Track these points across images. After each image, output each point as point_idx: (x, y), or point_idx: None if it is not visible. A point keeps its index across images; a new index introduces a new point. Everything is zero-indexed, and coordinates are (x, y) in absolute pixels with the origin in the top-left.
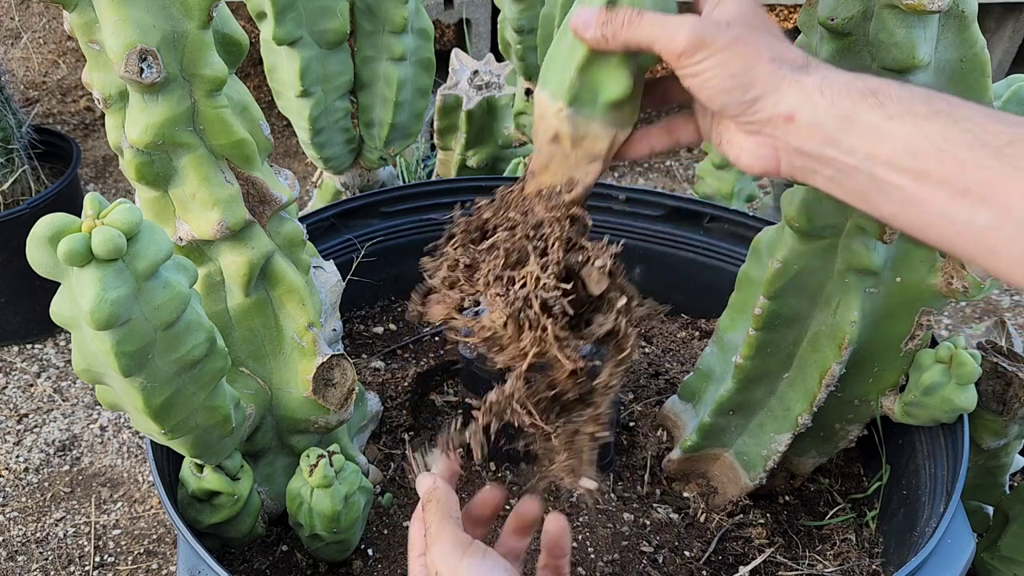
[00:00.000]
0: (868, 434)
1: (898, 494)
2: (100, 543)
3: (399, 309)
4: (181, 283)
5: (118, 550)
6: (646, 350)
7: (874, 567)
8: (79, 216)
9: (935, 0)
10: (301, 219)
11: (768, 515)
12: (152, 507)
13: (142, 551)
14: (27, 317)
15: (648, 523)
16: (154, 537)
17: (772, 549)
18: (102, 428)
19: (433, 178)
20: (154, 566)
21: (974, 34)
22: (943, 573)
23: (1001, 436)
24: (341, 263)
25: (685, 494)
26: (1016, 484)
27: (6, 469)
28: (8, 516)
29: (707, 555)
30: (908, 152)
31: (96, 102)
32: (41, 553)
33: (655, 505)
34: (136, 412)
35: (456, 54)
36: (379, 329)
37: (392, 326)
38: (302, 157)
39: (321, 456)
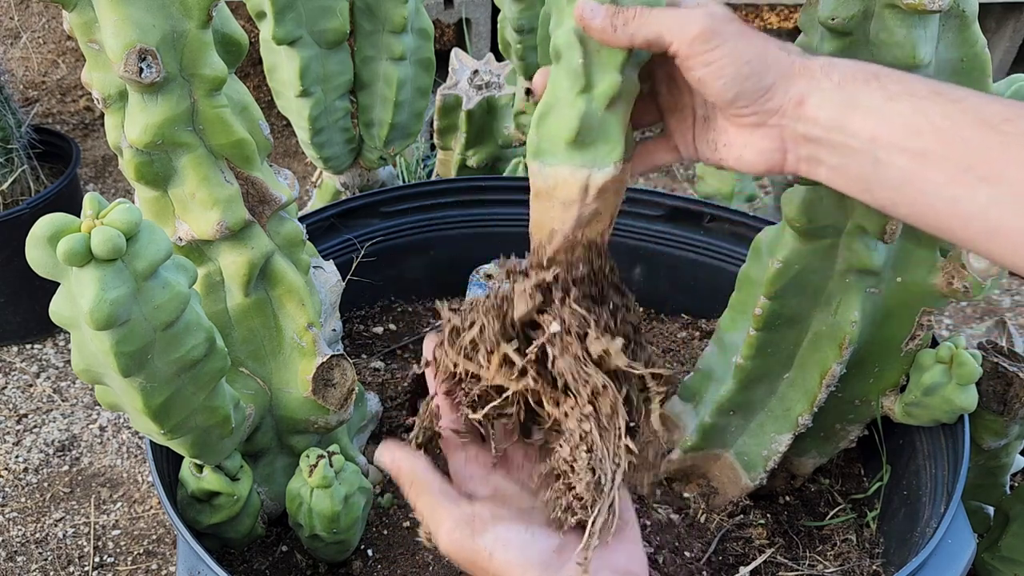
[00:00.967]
0: (868, 434)
1: (899, 494)
2: (99, 543)
3: (399, 309)
4: (181, 283)
5: (118, 550)
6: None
7: (874, 567)
8: (78, 216)
9: (936, 0)
10: (301, 219)
11: (768, 515)
12: (152, 507)
13: (142, 551)
14: (27, 317)
15: (648, 523)
16: (154, 537)
17: (772, 549)
18: (101, 428)
19: (433, 178)
20: (154, 566)
21: (975, 33)
22: (944, 573)
23: (1002, 436)
24: (341, 263)
25: (685, 494)
26: (1017, 484)
27: (5, 469)
28: (7, 516)
29: (707, 555)
30: (910, 132)
31: (96, 102)
32: (40, 553)
33: (655, 505)
34: (136, 412)
35: (456, 54)
36: (379, 329)
37: (392, 326)
38: (302, 157)
39: (321, 456)
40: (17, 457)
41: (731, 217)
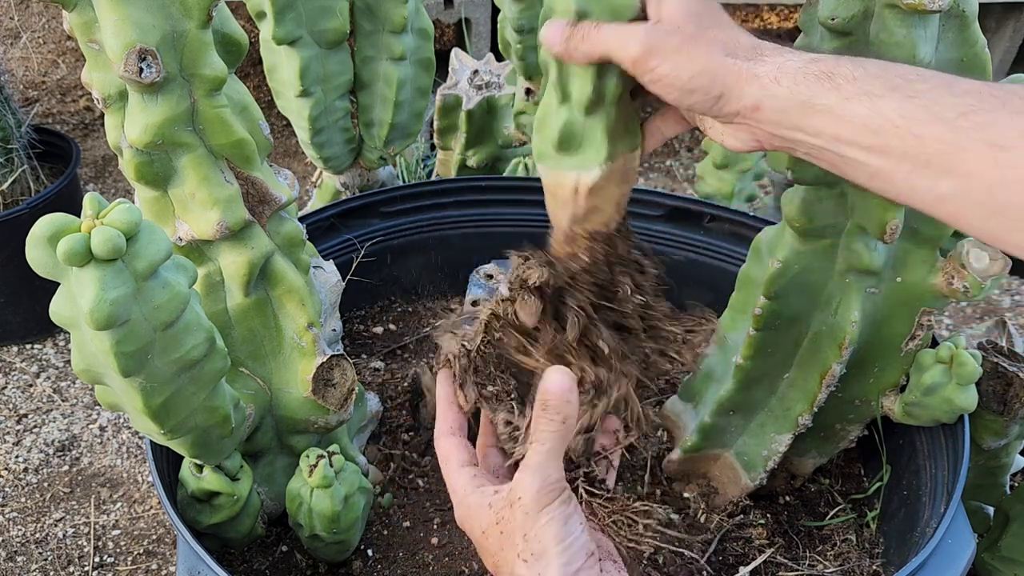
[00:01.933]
0: (868, 434)
1: (898, 494)
2: (99, 543)
3: (399, 309)
4: (180, 283)
5: (118, 550)
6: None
7: (874, 567)
8: (78, 216)
9: (935, 0)
10: (301, 219)
11: (768, 515)
12: (152, 507)
13: (142, 551)
14: (27, 317)
15: (648, 523)
16: (154, 537)
17: (772, 549)
18: (101, 428)
19: (433, 178)
20: (154, 566)
21: (975, 33)
22: (944, 573)
23: (1002, 436)
24: (341, 263)
25: (685, 494)
26: (1017, 484)
27: (5, 469)
28: (7, 516)
29: (707, 555)
30: (869, 131)
31: (96, 102)
32: (40, 553)
33: (655, 505)
34: (136, 412)
35: (456, 54)
36: (379, 329)
37: (392, 326)
38: (302, 157)
39: (321, 456)
40: (17, 457)
41: (731, 217)
